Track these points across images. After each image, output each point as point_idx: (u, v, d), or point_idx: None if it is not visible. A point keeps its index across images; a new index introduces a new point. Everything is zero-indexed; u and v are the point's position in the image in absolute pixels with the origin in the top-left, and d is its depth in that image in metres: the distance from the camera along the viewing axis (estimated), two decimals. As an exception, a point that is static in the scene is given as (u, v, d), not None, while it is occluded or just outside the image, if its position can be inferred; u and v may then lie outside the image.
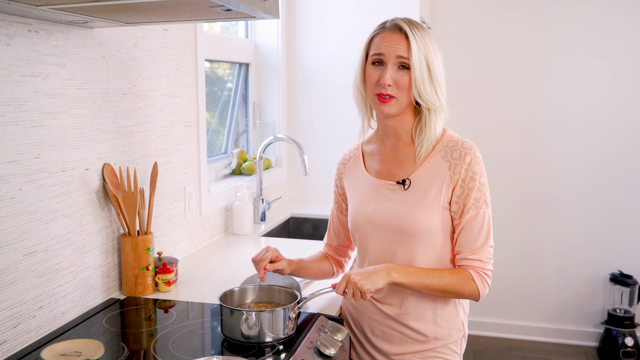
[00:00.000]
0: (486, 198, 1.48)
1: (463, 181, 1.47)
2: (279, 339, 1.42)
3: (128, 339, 1.51)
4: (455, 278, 1.46)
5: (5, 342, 1.38)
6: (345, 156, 1.73)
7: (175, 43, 2.11)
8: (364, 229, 1.59)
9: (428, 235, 1.49)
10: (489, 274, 1.49)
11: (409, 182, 1.51)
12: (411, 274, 1.44)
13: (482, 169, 1.49)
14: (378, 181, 1.58)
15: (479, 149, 1.53)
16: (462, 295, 1.49)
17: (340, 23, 3.20)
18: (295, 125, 3.34)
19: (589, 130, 3.57)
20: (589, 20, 3.49)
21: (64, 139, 1.56)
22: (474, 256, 1.48)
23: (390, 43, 1.46)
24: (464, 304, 1.62)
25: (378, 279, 1.41)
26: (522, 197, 3.71)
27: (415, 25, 1.48)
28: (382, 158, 1.60)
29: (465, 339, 1.62)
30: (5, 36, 1.34)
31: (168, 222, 2.09)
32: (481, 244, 1.48)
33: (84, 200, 1.64)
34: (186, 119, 2.21)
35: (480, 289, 1.48)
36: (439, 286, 1.45)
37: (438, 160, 1.50)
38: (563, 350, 3.67)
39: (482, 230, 1.48)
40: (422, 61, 1.45)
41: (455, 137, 1.53)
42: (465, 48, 3.68)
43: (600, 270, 3.67)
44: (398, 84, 1.46)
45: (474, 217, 1.47)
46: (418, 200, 1.49)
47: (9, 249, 1.38)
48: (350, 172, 1.68)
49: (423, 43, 1.45)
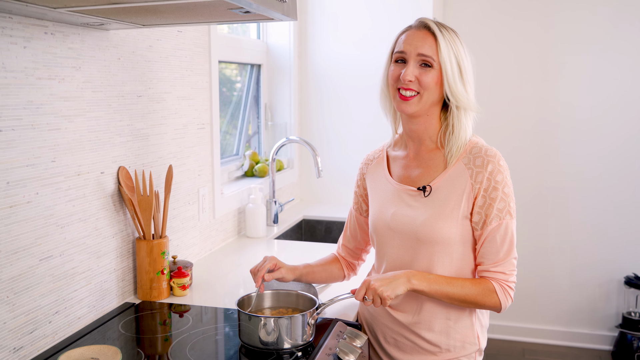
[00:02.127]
0: (510, 209, 1.43)
1: (485, 191, 1.43)
2: (298, 345, 1.40)
3: (144, 344, 1.50)
4: (477, 289, 1.43)
5: (22, 347, 1.37)
6: (370, 156, 1.70)
7: (189, 45, 2.09)
8: (382, 233, 1.57)
9: (445, 244, 1.46)
10: (512, 286, 1.45)
11: (429, 189, 1.48)
12: (432, 282, 1.41)
13: (505, 178, 1.44)
14: (400, 186, 1.55)
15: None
16: (483, 307, 1.45)
17: (352, 23, 3.18)
18: (307, 127, 3.32)
19: (601, 130, 3.54)
20: (601, 20, 3.45)
21: (80, 142, 1.54)
22: (496, 268, 1.44)
23: (413, 41, 1.44)
24: (481, 316, 1.56)
25: (398, 285, 1.38)
26: (534, 199, 3.67)
27: (445, 26, 1.46)
28: (406, 163, 1.57)
29: (480, 354, 1.56)
30: (22, 39, 1.33)
31: (182, 225, 2.08)
32: (504, 256, 1.44)
33: (99, 203, 1.63)
34: (200, 121, 2.19)
35: (502, 301, 1.44)
36: (460, 296, 1.42)
37: (460, 168, 1.46)
38: (577, 354, 3.64)
39: (505, 242, 1.43)
40: (452, 59, 1.43)
41: (480, 143, 1.49)
42: (477, 48, 3.65)
43: (614, 273, 3.63)
44: (420, 81, 1.43)
45: (497, 229, 1.43)
46: (437, 208, 1.46)
47: (25, 253, 1.37)
48: (373, 173, 1.65)
49: (452, 42, 1.44)
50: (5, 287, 1.32)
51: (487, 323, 1.59)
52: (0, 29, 1.27)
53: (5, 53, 1.29)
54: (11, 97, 1.31)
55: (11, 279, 1.33)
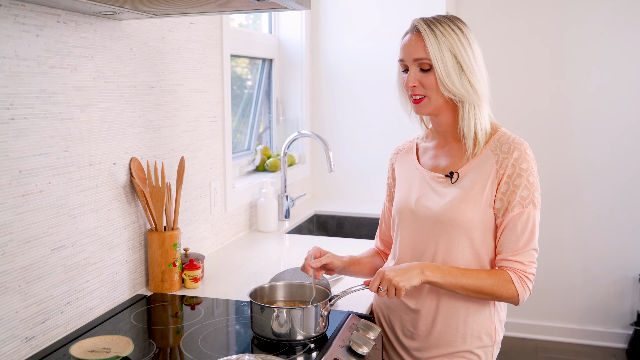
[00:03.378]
0: (534, 199, 1.42)
1: (509, 177, 1.41)
2: (311, 337, 1.39)
3: (155, 335, 1.49)
4: (493, 279, 1.41)
5: (34, 337, 1.36)
6: (399, 147, 1.71)
7: (201, 37, 2.08)
8: (404, 216, 1.56)
9: (466, 229, 1.44)
10: (531, 277, 1.43)
11: (457, 175, 1.48)
12: (446, 274, 1.40)
13: (531, 167, 1.42)
14: (428, 173, 1.55)
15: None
16: (500, 298, 1.43)
17: (364, 17, 3.16)
18: (318, 122, 3.30)
19: (616, 125, 3.49)
20: (614, 15, 3.41)
21: (92, 132, 1.54)
22: (515, 257, 1.42)
23: (408, 47, 1.46)
24: (500, 309, 1.54)
25: (413, 276, 1.37)
26: (548, 195, 3.63)
27: (435, 21, 1.44)
28: (435, 154, 1.58)
29: (497, 347, 1.54)
30: (34, 27, 1.32)
31: (194, 218, 2.07)
32: (524, 245, 1.41)
33: (111, 194, 1.62)
34: (212, 114, 2.18)
35: (520, 292, 1.41)
36: (476, 287, 1.40)
37: (487, 154, 1.46)
38: (590, 352, 3.60)
39: (526, 231, 1.41)
40: (446, 54, 1.41)
41: (508, 133, 1.48)
42: (489, 44, 3.62)
43: (629, 269, 3.59)
44: (423, 83, 1.45)
45: (519, 216, 1.41)
46: (462, 193, 1.46)
47: (37, 243, 1.36)
48: (402, 162, 1.66)
49: (445, 36, 1.42)
50: (18, 277, 1.31)
51: (503, 316, 1.57)
52: (13, 16, 1.27)
53: (18, 41, 1.28)
54: (24, 85, 1.30)
55: (23, 269, 1.33)
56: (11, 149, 1.28)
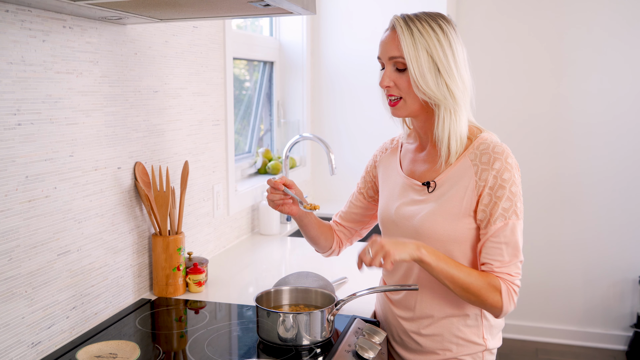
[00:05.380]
0: (517, 209, 1.35)
1: (491, 189, 1.35)
2: (317, 341, 1.39)
3: (160, 340, 1.49)
4: (483, 281, 1.34)
5: (40, 342, 1.36)
6: (386, 144, 1.65)
7: (204, 40, 2.08)
8: (387, 226, 1.54)
9: (444, 241, 1.40)
10: (517, 290, 1.36)
11: (434, 184, 1.43)
12: (440, 259, 1.33)
13: (513, 176, 1.35)
14: (408, 179, 1.50)
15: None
16: (483, 302, 1.35)
17: (365, 20, 3.16)
18: (319, 125, 3.30)
19: (615, 127, 3.50)
20: (614, 15, 3.42)
21: (97, 137, 1.54)
22: (501, 270, 1.35)
23: (384, 44, 1.40)
24: (489, 316, 1.48)
25: (406, 249, 1.31)
26: (547, 197, 3.64)
27: (415, 19, 1.37)
28: (414, 157, 1.53)
29: (490, 353, 1.50)
30: (41, 32, 1.32)
31: (197, 222, 2.07)
32: (510, 258, 1.35)
33: (116, 199, 1.62)
34: (214, 117, 2.18)
35: (504, 303, 1.34)
36: (464, 283, 1.34)
37: (466, 164, 1.39)
38: (591, 354, 3.61)
39: (511, 244, 1.35)
40: (421, 54, 1.34)
41: (489, 139, 1.40)
42: (490, 46, 3.62)
43: (628, 271, 3.60)
44: (398, 84, 1.39)
45: (502, 229, 1.34)
46: (439, 205, 1.41)
47: (43, 248, 1.36)
48: (386, 163, 1.61)
49: (422, 35, 1.34)
50: (24, 282, 1.31)
51: (498, 323, 1.51)
52: (20, 22, 1.27)
53: (24, 46, 1.28)
54: (30, 90, 1.30)
55: (30, 274, 1.33)
56: (18, 155, 1.28)
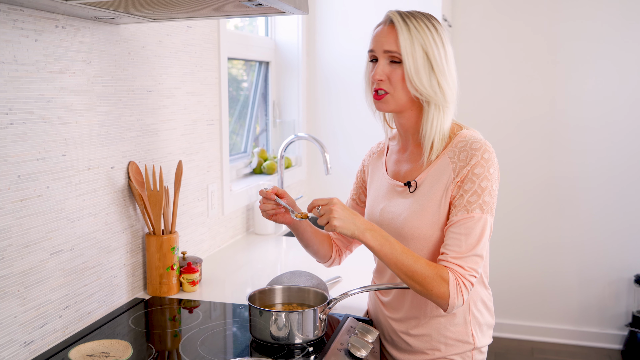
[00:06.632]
0: (483, 204, 1.33)
1: (461, 181, 1.35)
2: (309, 340, 1.39)
3: (154, 339, 1.49)
4: (430, 271, 1.30)
5: (33, 342, 1.37)
6: (374, 148, 1.67)
7: (198, 40, 2.09)
8: None
9: (427, 242, 1.40)
10: (468, 285, 1.32)
11: (414, 184, 1.43)
12: (384, 244, 1.31)
13: (487, 171, 1.34)
14: (392, 181, 1.51)
15: (496, 149, 1.42)
16: (429, 292, 1.31)
17: (360, 20, 3.17)
18: (315, 125, 3.31)
19: (611, 127, 3.51)
20: (610, 16, 3.43)
21: (90, 137, 1.54)
22: (455, 261, 1.32)
23: (380, 37, 1.40)
24: (478, 314, 1.48)
25: (350, 226, 1.30)
26: (543, 196, 3.65)
27: (410, 16, 1.39)
28: (398, 158, 1.54)
29: (480, 352, 1.49)
30: (33, 32, 1.32)
31: (191, 222, 2.07)
32: (466, 250, 1.32)
33: (109, 198, 1.62)
34: (209, 117, 2.19)
35: (451, 295, 1.30)
36: (409, 269, 1.30)
37: (445, 162, 1.39)
38: (586, 353, 3.61)
39: (471, 236, 1.32)
40: (417, 50, 1.35)
41: (468, 136, 1.40)
42: (486, 46, 3.63)
43: (624, 271, 3.61)
44: (390, 78, 1.39)
45: (463, 221, 1.33)
46: (420, 205, 1.41)
47: (36, 247, 1.36)
48: (374, 166, 1.62)
49: (419, 32, 1.36)
50: (17, 281, 1.31)
51: (487, 321, 1.51)
52: (12, 21, 1.27)
53: (16, 46, 1.28)
54: (22, 90, 1.31)
55: (22, 273, 1.33)
56: (10, 154, 1.28)
